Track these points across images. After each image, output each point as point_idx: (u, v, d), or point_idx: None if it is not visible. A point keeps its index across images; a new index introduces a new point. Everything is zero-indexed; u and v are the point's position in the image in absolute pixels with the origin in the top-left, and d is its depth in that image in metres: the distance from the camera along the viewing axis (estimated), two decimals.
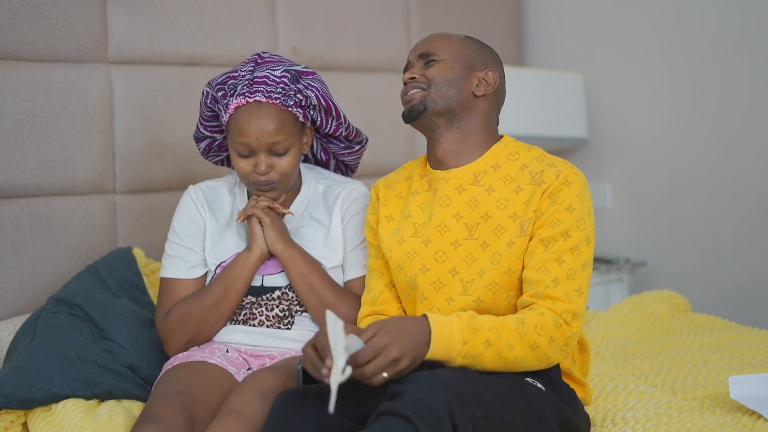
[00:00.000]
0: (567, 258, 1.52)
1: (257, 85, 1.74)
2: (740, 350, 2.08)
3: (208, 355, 1.78)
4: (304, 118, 1.78)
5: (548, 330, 1.47)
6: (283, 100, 1.73)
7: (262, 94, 1.72)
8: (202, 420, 1.58)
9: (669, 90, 2.94)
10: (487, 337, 1.42)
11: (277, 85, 1.74)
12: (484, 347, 1.42)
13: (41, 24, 2.26)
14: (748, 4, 2.68)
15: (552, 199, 1.55)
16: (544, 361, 1.49)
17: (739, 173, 2.74)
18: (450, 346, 1.40)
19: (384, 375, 1.34)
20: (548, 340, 1.46)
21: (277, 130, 1.73)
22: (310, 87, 1.77)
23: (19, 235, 2.21)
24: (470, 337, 1.41)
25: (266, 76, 1.75)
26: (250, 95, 1.73)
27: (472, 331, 1.41)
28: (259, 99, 1.72)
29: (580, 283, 1.53)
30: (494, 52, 1.70)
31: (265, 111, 1.73)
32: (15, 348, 1.92)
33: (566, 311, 1.49)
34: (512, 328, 1.45)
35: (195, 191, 1.92)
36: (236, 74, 1.78)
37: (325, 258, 1.85)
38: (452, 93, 1.61)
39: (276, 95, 1.73)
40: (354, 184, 1.91)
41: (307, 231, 1.87)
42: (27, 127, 2.22)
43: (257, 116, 1.72)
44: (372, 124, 2.64)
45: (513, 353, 1.44)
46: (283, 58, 1.83)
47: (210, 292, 1.81)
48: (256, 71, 1.76)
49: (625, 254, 3.10)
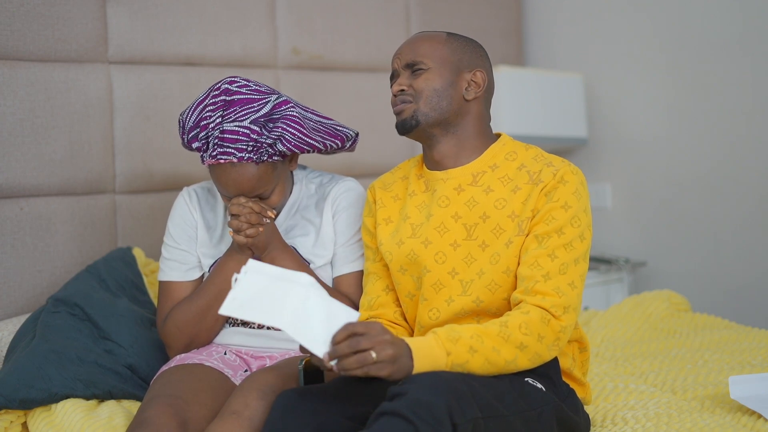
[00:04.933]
0: (560, 254, 1.52)
1: (227, 143, 1.70)
2: (740, 350, 2.08)
3: (205, 358, 1.78)
4: (283, 157, 1.78)
5: (535, 328, 1.46)
6: (255, 158, 1.72)
7: (233, 155, 1.70)
8: (196, 423, 1.58)
9: (669, 90, 2.93)
10: (470, 345, 1.42)
11: (248, 142, 1.70)
12: (469, 354, 1.41)
13: (41, 24, 2.26)
14: (749, 3, 2.68)
15: (548, 197, 1.55)
16: (536, 359, 1.48)
17: (740, 173, 2.74)
18: (434, 359, 1.39)
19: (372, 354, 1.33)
20: (536, 338, 1.46)
21: (255, 185, 1.73)
22: (282, 139, 1.73)
23: (19, 235, 2.20)
24: (452, 347, 1.40)
25: (234, 131, 1.70)
26: (222, 157, 1.71)
27: (452, 341, 1.41)
28: (231, 160, 1.71)
29: (573, 277, 1.52)
30: (479, 47, 1.68)
31: (239, 170, 1.72)
32: (15, 348, 1.92)
33: (555, 305, 1.49)
34: (494, 333, 1.44)
35: (188, 193, 1.92)
36: (206, 122, 1.74)
37: (315, 256, 1.85)
38: (443, 104, 1.60)
39: (248, 155, 1.71)
40: (344, 180, 1.91)
41: (298, 231, 1.87)
42: (27, 127, 2.22)
43: (233, 176, 1.72)
44: (372, 124, 2.64)
45: (501, 356, 1.44)
46: (251, 91, 1.75)
47: (203, 295, 1.81)
48: (224, 122, 1.72)
49: (625, 254, 3.10)
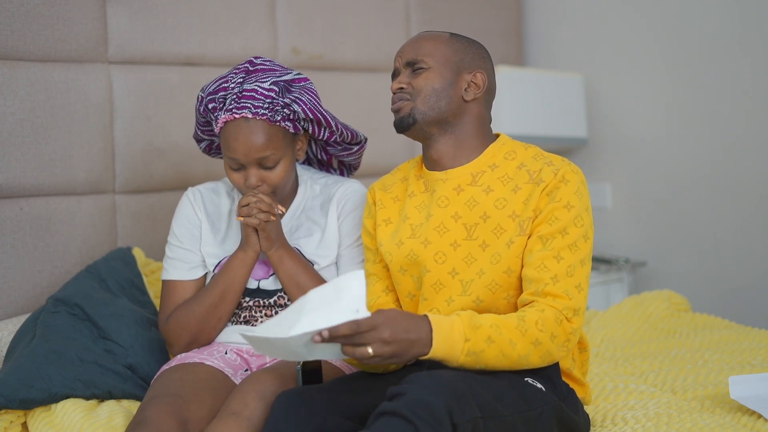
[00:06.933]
0: (565, 255, 1.52)
1: (245, 99, 1.72)
2: (740, 350, 2.07)
3: (206, 357, 1.78)
4: (294, 129, 1.78)
5: (549, 326, 1.46)
6: (270, 116, 1.73)
7: (249, 110, 1.72)
8: (196, 422, 1.58)
9: (669, 90, 2.93)
10: (488, 335, 1.41)
11: (265, 100, 1.73)
12: (486, 344, 1.41)
13: (41, 24, 2.26)
14: (749, 4, 2.68)
15: (550, 197, 1.55)
16: (546, 357, 1.48)
17: (740, 173, 2.74)
18: (452, 344, 1.39)
19: (369, 350, 1.33)
20: (550, 337, 1.46)
21: (264, 146, 1.73)
22: (298, 101, 1.75)
23: (19, 235, 2.20)
24: (471, 334, 1.40)
25: (254, 89, 1.73)
26: (237, 111, 1.72)
27: (473, 328, 1.41)
28: (245, 115, 1.72)
29: (580, 279, 1.52)
30: (481, 48, 1.68)
31: (251, 127, 1.72)
32: (15, 348, 1.92)
33: (567, 308, 1.49)
34: (513, 325, 1.44)
35: (193, 193, 1.93)
36: (226, 84, 1.77)
37: (319, 256, 1.85)
38: (442, 103, 1.60)
39: (263, 111, 1.72)
40: (349, 182, 1.92)
41: (303, 232, 1.87)
42: (27, 127, 2.22)
43: (244, 132, 1.72)
44: (372, 124, 2.64)
45: (515, 350, 1.43)
46: (275, 65, 1.81)
47: (208, 294, 1.82)
48: (245, 83, 1.75)
49: (625, 254, 3.10)
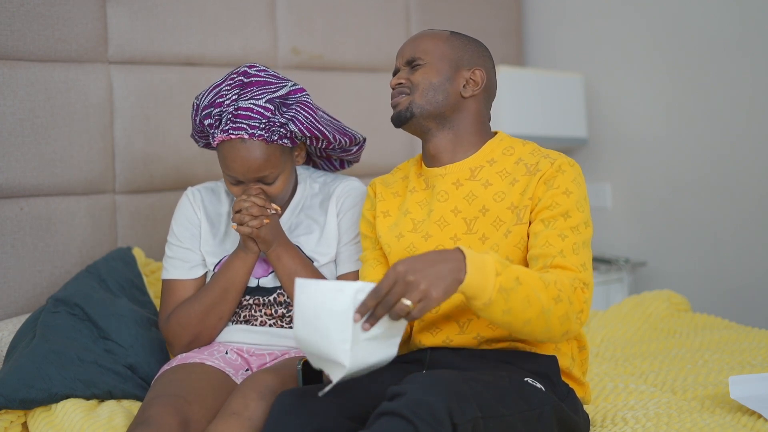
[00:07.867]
0: (569, 234, 1.51)
1: (240, 119, 1.71)
2: (740, 350, 2.07)
3: (206, 357, 1.78)
4: (292, 143, 1.78)
5: (566, 289, 1.44)
6: (267, 136, 1.72)
7: (245, 131, 1.71)
8: (197, 422, 1.58)
9: (669, 90, 2.93)
10: (517, 275, 1.38)
11: (261, 119, 1.72)
12: (515, 283, 1.37)
13: (41, 24, 2.26)
14: (749, 4, 2.68)
15: (548, 185, 1.55)
16: (565, 322, 1.43)
17: (740, 173, 2.74)
18: (485, 274, 1.34)
19: (407, 302, 1.27)
20: (568, 299, 1.43)
21: (262, 166, 1.73)
22: (294, 120, 1.74)
23: (19, 235, 2.20)
24: (503, 269, 1.36)
25: (249, 108, 1.72)
26: (234, 132, 1.71)
27: (503, 264, 1.38)
28: (242, 136, 1.71)
29: (584, 259, 1.52)
30: (482, 47, 1.69)
31: (249, 148, 1.72)
32: (15, 348, 1.92)
33: (578, 278, 1.47)
34: (537, 277, 1.42)
35: (192, 193, 1.93)
36: (221, 100, 1.76)
37: (318, 254, 1.85)
38: (439, 97, 1.61)
39: (259, 132, 1.72)
40: (348, 180, 1.92)
41: (302, 230, 1.88)
42: (27, 127, 2.22)
43: (242, 154, 1.72)
44: (372, 124, 2.64)
45: (540, 300, 1.39)
46: (270, 75, 1.79)
47: (209, 293, 1.82)
48: (240, 99, 1.74)
49: (625, 254, 3.10)
